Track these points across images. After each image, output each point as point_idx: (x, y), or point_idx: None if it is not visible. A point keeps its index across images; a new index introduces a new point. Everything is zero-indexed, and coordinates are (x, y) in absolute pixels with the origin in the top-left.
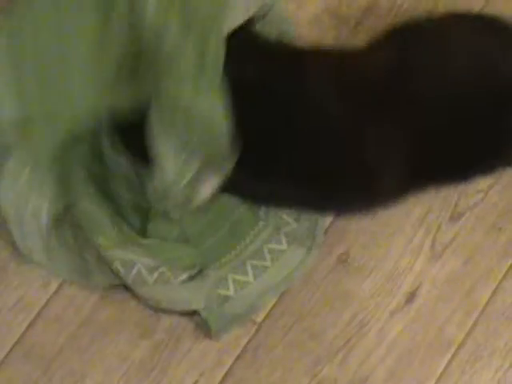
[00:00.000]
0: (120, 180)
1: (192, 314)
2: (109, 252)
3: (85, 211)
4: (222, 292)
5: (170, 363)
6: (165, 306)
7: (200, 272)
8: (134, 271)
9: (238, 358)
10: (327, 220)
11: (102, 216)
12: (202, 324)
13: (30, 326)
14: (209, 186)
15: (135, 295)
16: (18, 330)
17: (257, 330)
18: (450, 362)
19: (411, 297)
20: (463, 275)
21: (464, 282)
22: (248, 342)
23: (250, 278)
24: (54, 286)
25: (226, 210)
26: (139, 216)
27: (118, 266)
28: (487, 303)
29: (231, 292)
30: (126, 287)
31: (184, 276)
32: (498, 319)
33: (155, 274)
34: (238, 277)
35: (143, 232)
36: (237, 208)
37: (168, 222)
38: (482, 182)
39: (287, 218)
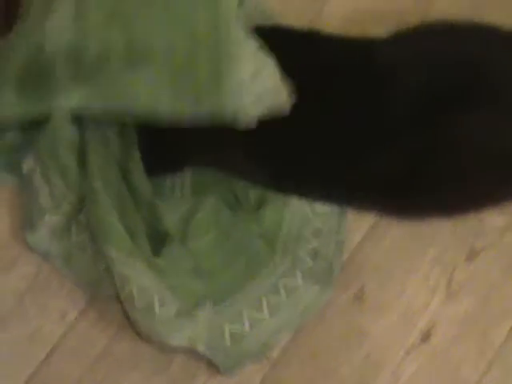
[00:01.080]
0: (143, 202)
1: None
2: (115, 263)
3: (98, 219)
4: (237, 328)
5: None
6: (145, 333)
7: (192, 310)
8: (127, 289)
9: None
10: (344, 257)
11: (116, 226)
12: None
13: (46, 357)
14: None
15: None
16: (34, 362)
17: (271, 366)
18: None
19: (426, 336)
20: (479, 315)
21: (479, 322)
22: (263, 378)
23: (266, 314)
24: (70, 318)
25: (243, 243)
26: (154, 240)
27: (116, 278)
28: (503, 343)
29: (246, 329)
30: None
31: (171, 310)
32: None
33: (143, 301)
34: (253, 313)
35: (155, 251)
36: (254, 241)
37: (185, 250)
38: (499, 221)
39: (304, 255)
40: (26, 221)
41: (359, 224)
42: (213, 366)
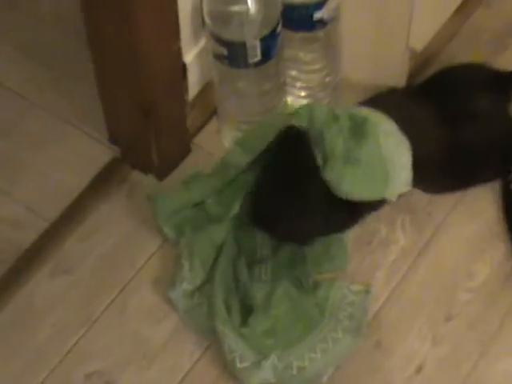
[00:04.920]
0: (241, 287)
1: None
2: (217, 329)
3: (211, 297)
4: (300, 364)
5: None
6: (232, 375)
7: (260, 361)
8: (223, 347)
9: None
10: (368, 318)
11: (220, 305)
12: None
13: None
14: None
15: None
16: None
17: None
18: None
19: (419, 369)
20: (455, 356)
21: (455, 361)
22: None
23: (319, 356)
24: (195, 356)
25: (304, 311)
26: (243, 312)
27: (218, 338)
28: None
29: (306, 364)
30: None
31: (248, 363)
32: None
33: (230, 356)
34: (311, 354)
35: (243, 322)
36: (311, 310)
37: (265, 316)
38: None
39: (343, 318)
40: (171, 280)
41: (380, 293)
42: None
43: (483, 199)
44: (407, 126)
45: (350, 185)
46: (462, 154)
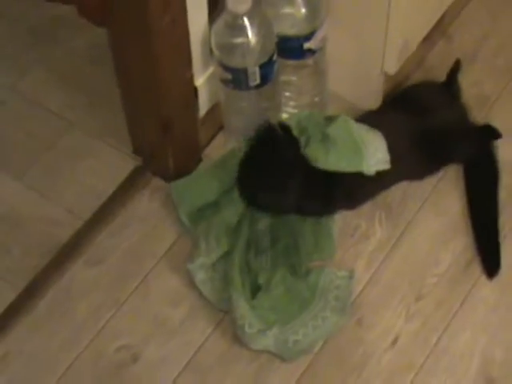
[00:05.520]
0: (251, 269)
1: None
2: (232, 298)
3: (229, 271)
4: (296, 338)
5: None
6: (241, 340)
7: (265, 330)
8: (234, 313)
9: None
10: (352, 299)
11: (237, 278)
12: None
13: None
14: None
15: None
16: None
17: (313, 356)
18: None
19: (395, 341)
20: (424, 330)
21: (424, 334)
22: (308, 365)
23: (310, 331)
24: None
25: (298, 293)
26: (252, 288)
27: (231, 305)
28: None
29: (300, 338)
30: None
31: (255, 329)
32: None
33: (240, 322)
34: (304, 330)
35: (253, 297)
36: (304, 292)
37: (268, 295)
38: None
39: (330, 299)
40: (190, 255)
41: (361, 277)
42: (280, 358)
43: (448, 198)
44: (381, 126)
45: (323, 156)
46: (431, 139)
